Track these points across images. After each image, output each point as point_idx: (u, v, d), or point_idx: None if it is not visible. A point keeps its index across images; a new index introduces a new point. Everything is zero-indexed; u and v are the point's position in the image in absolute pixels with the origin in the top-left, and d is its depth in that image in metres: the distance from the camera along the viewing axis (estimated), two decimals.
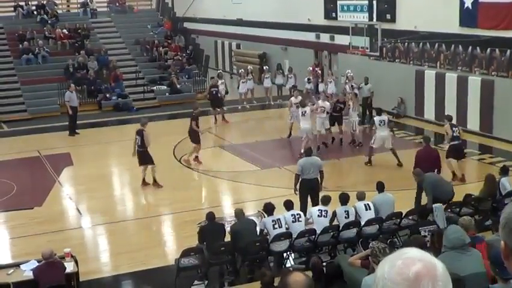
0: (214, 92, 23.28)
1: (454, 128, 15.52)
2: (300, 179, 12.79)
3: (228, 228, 11.26)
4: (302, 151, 18.60)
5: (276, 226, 10.66)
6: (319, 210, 11.18)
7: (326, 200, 11.44)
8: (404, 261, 1.79)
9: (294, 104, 19.89)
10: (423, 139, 14.75)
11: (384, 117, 17.43)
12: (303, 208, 12.32)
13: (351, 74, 23.09)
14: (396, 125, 22.11)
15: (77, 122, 23.62)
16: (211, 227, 10.85)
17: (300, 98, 19.98)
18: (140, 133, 15.79)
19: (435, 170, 13.34)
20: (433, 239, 8.64)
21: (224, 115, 23.49)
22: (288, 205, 11.20)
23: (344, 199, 11.36)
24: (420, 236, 9.23)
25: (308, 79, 25.71)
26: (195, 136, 17.73)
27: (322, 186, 13.03)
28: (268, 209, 10.90)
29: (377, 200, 11.61)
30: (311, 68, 26.58)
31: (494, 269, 6.05)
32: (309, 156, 13.08)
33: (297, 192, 12.80)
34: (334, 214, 11.21)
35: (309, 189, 12.69)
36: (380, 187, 11.86)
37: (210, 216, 10.94)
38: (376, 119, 17.22)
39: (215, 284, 10.51)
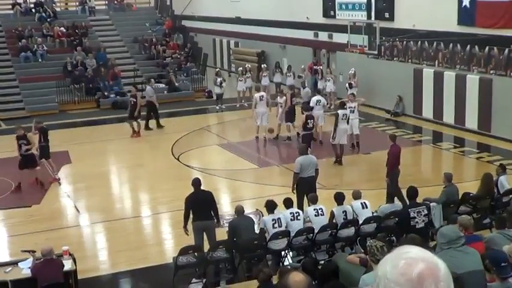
0: (132, 103, 21.42)
1: (309, 120, 16.79)
2: (299, 178, 12.81)
3: (226, 224, 11.28)
4: (258, 135, 19.48)
5: (276, 225, 10.64)
6: (314, 209, 11.16)
7: (315, 199, 11.43)
8: (406, 262, 1.77)
9: (279, 104, 19.73)
10: (391, 137, 14.20)
11: (347, 111, 17.60)
12: (301, 206, 12.31)
13: (352, 72, 23.15)
14: (395, 123, 22.19)
15: (77, 120, 23.70)
16: (196, 196, 10.93)
17: (284, 98, 19.69)
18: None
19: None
20: None
21: (140, 128, 21.31)
22: (288, 203, 11.21)
23: (340, 198, 11.31)
24: (417, 236, 9.21)
25: (299, 76, 25.72)
26: (44, 152, 16.53)
27: (316, 183, 13.09)
28: (270, 206, 10.89)
29: (384, 209, 11.50)
30: (307, 66, 26.53)
31: (492, 267, 6.06)
32: (306, 154, 13.10)
33: (295, 191, 12.81)
34: (332, 215, 11.18)
35: (307, 187, 12.66)
36: (391, 198, 11.69)
37: (196, 182, 11.10)
38: (340, 112, 17.37)
39: (213, 282, 10.51)
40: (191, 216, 10.90)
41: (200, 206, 10.89)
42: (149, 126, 22.05)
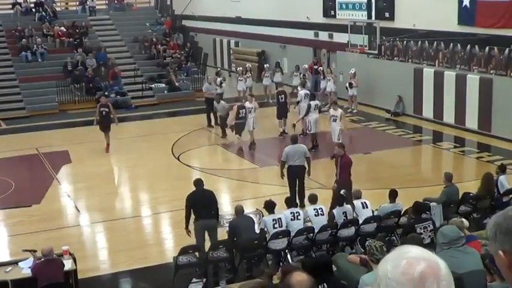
0: (104, 113, 19.04)
1: (240, 110, 18.38)
2: (287, 166, 13.35)
3: (226, 224, 11.29)
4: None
5: (277, 226, 10.65)
6: (314, 209, 11.18)
7: (314, 199, 11.44)
8: (408, 261, 1.77)
9: (247, 108, 18.98)
10: (340, 146, 13.61)
11: (317, 101, 19.02)
12: (293, 194, 12.97)
13: (352, 72, 23.16)
14: (395, 123, 22.19)
15: (77, 120, 23.69)
16: (195, 195, 11.03)
17: (254, 103, 19.21)
18: None
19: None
20: None
21: (109, 143, 19.27)
22: (289, 202, 11.23)
23: (341, 201, 11.34)
24: (417, 235, 9.22)
25: (303, 75, 25.74)
26: None
27: (310, 171, 13.60)
28: (269, 206, 10.90)
29: (384, 209, 11.49)
30: (306, 66, 26.56)
31: (493, 267, 6.05)
32: (295, 143, 13.58)
33: (285, 178, 13.47)
34: (332, 216, 11.19)
35: (295, 175, 13.33)
36: (393, 196, 11.60)
37: (198, 182, 11.21)
38: (312, 103, 18.47)
39: (213, 282, 10.51)
40: (193, 216, 10.89)
41: (200, 204, 10.90)
42: (211, 124, 22.05)
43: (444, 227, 7.14)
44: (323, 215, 11.13)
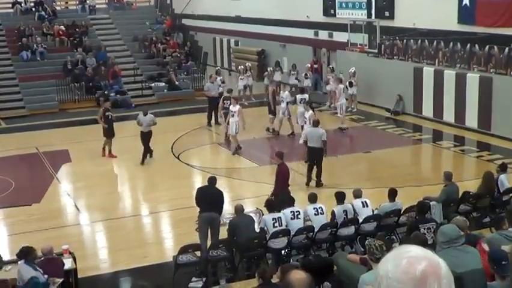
0: (109, 117, 18.37)
1: (225, 101, 19.39)
2: (307, 147, 15.06)
3: (226, 222, 11.30)
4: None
5: (276, 224, 10.66)
6: (314, 208, 11.18)
7: (314, 198, 11.44)
8: (408, 260, 1.78)
9: (230, 112, 18.65)
10: (278, 155, 13.33)
11: (306, 95, 19.83)
12: (310, 168, 14.99)
13: (352, 71, 23.18)
14: (395, 122, 22.20)
15: (77, 119, 23.67)
16: (202, 189, 11.32)
17: (238, 107, 18.62)
18: None
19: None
20: None
21: (111, 148, 18.66)
22: (289, 201, 11.24)
23: (341, 197, 11.33)
24: (421, 233, 9.22)
25: (305, 75, 25.81)
26: None
27: (326, 153, 15.04)
28: (270, 205, 10.91)
29: (384, 208, 11.49)
30: (309, 65, 26.62)
31: (493, 266, 6.05)
32: (315, 126, 15.22)
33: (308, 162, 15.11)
34: (333, 214, 11.20)
35: (312, 155, 14.99)
36: (392, 195, 11.55)
37: (210, 180, 11.38)
38: (298, 96, 19.67)
39: (213, 281, 10.52)
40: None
41: (205, 199, 11.03)
42: (218, 121, 21.81)
43: (444, 226, 7.14)
44: (323, 213, 11.13)
